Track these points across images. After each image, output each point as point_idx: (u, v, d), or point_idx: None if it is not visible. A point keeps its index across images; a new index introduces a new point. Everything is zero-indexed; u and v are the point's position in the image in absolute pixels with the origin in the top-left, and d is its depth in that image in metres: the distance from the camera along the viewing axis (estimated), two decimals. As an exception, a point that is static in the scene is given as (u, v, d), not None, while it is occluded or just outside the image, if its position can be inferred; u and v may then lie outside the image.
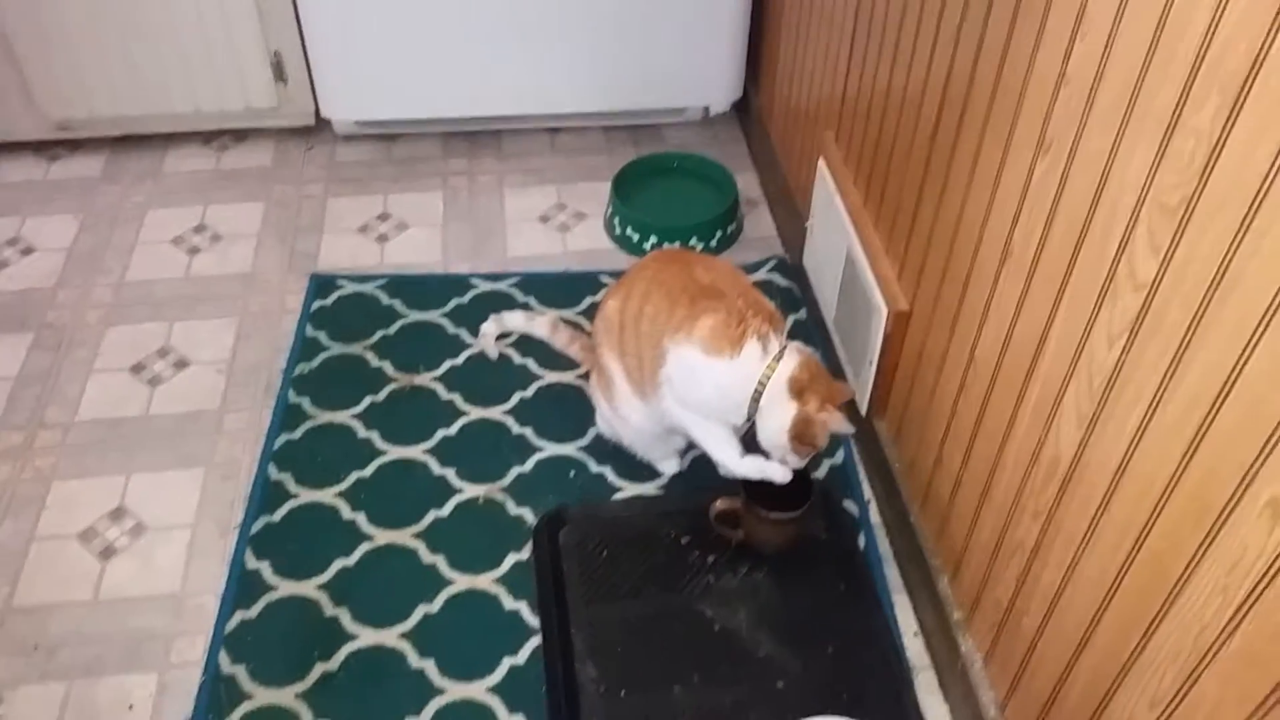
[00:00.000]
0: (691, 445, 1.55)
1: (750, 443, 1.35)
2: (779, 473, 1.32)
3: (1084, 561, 0.97)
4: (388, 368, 1.71)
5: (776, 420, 1.28)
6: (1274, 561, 0.72)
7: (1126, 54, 0.84)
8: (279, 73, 2.09)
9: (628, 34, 2.04)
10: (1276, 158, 0.68)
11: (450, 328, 1.79)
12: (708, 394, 1.31)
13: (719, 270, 1.37)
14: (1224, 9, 0.73)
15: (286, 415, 1.62)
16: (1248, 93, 0.71)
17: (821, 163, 1.66)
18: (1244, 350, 0.73)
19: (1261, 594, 0.74)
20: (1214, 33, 0.74)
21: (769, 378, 1.27)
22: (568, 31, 2.02)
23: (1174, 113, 0.79)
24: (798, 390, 1.26)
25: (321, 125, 2.21)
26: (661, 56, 2.08)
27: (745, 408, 1.30)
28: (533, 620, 1.36)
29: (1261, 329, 0.71)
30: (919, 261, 1.32)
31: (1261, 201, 0.70)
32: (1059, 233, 0.97)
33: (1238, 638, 0.77)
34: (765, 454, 1.34)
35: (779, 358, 1.28)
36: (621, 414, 1.45)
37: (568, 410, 1.63)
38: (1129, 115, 0.84)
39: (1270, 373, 0.71)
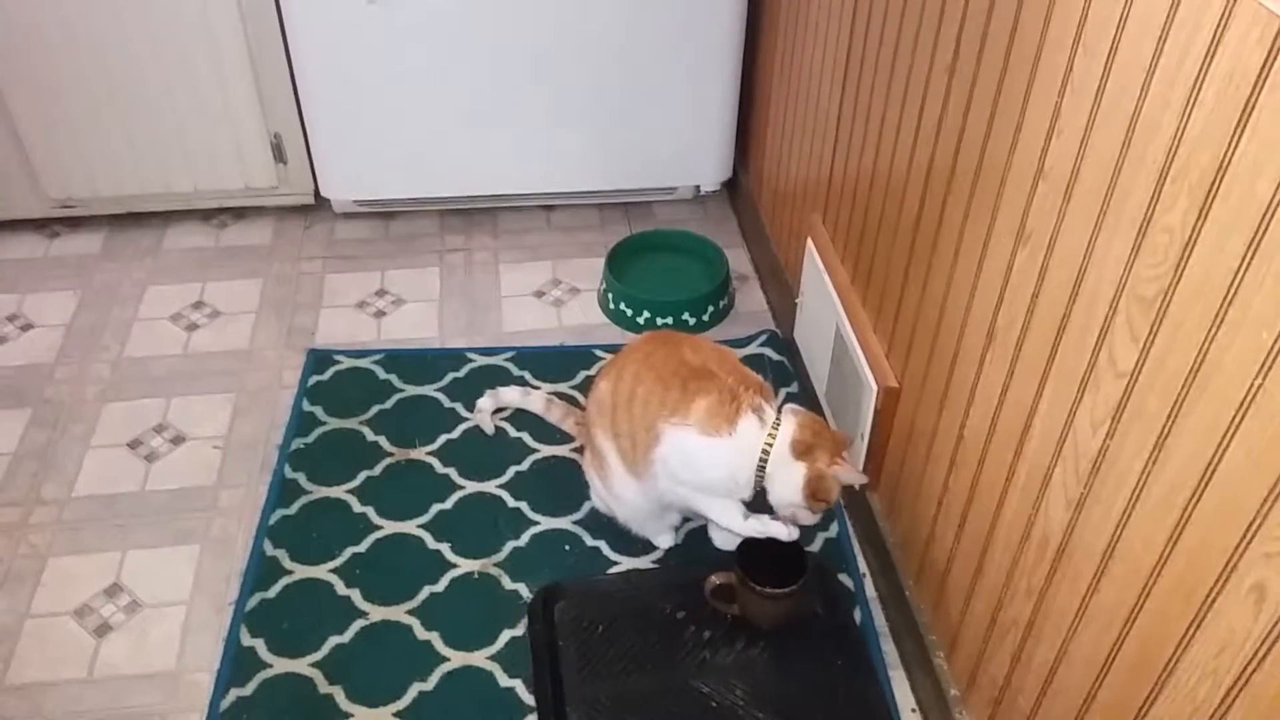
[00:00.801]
0: (687, 519, 1.56)
1: (751, 505, 1.37)
2: (783, 531, 1.35)
3: (1076, 641, 0.98)
4: (384, 442, 1.73)
5: (789, 484, 1.30)
6: (1261, 645, 0.74)
7: (1101, 153, 0.89)
8: (279, 154, 2.14)
9: (621, 116, 2.10)
10: (1245, 256, 0.72)
11: (446, 402, 1.81)
12: (709, 474, 1.33)
13: (707, 350, 1.40)
14: (1189, 117, 0.77)
15: (283, 491, 1.63)
16: (1215, 194, 0.75)
17: (809, 242, 1.70)
18: (1223, 438, 0.76)
19: (1250, 677, 0.75)
20: (1180, 139, 0.78)
21: (771, 446, 1.30)
22: (562, 113, 2.08)
23: (1147, 211, 0.83)
24: (803, 451, 1.29)
25: (320, 203, 2.25)
26: (654, 138, 2.14)
27: (751, 481, 1.32)
28: (528, 698, 1.36)
29: (1239, 418, 0.74)
30: (906, 340, 1.36)
31: (1234, 296, 0.74)
32: (1041, 320, 1.00)
33: None
34: (769, 513, 1.36)
35: (777, 425, 1.31)
36: (615, 492, 1.47)
37: (563, 484, 1.64)
38: (1105, 210, 0.88)
39: (1249, 460, 0.74)
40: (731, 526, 1.38)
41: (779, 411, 1.33)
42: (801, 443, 1.29)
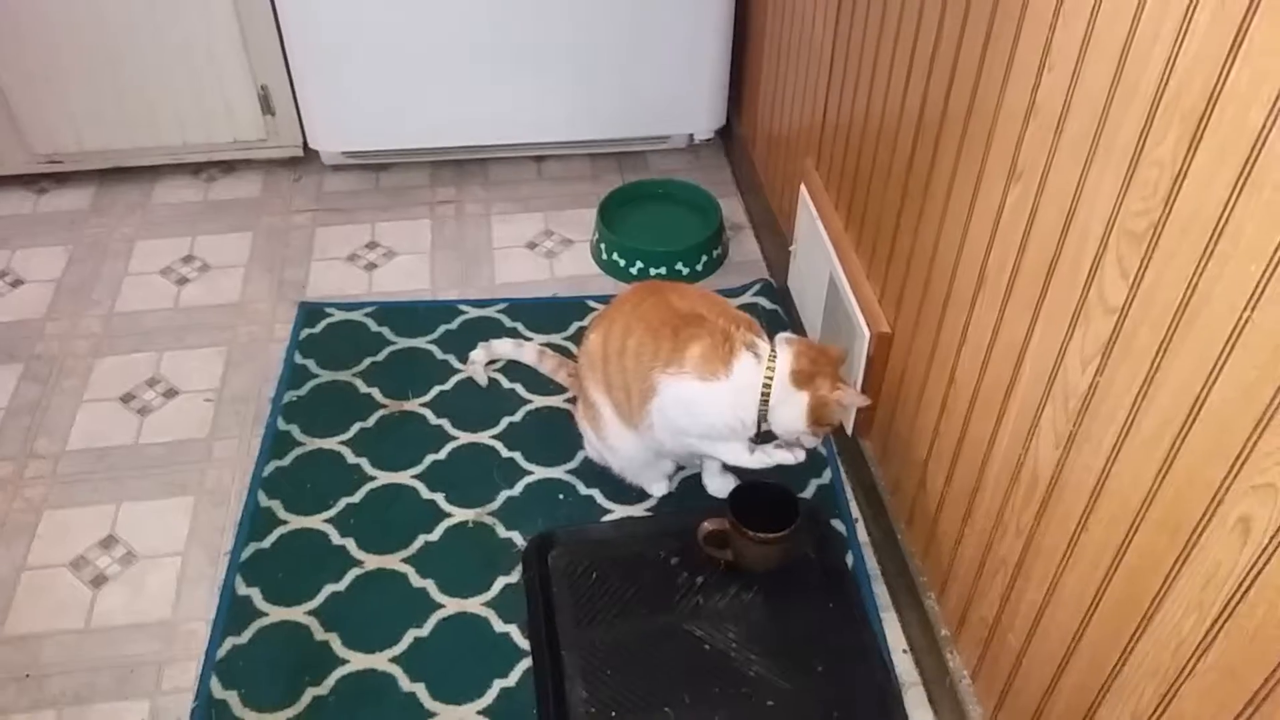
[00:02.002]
0: (680, 467, 1.57)
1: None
2: (789, 457, 1.37)
3: (1065, 579, 0.99)
4: (377, 394, 1.72)
5: (793, 414, 1.31)
6: (1245, 577, 0.74)
7: (1092, 86, 0.87)
8: (266, 105, 2.11)
9: (613, 63, 2.07)
10: (1235, 187, 0.71)
11: (439, 354, 1.80)
12: (712, 420, 1.33)
13: (693, 296, 1.39)
14: (1181, 45, 0.76)
15: (276, 442, 1.63)
16: (1205, 125, 0.74)
17: (803, 189, 1.69)
18: (1211, 371, 0.75)
19: (1235, 609, 0.76)
20: (1172, 67, 0.77)
21: (771, 380, 1.30)
22: (553, 61, 2.05)
23: (1138, 144, 0.81)
24: (803, 380, 1.30)
25: (309, 156, 2.23)
26: (646, 85, 2.12)
27: (755, 418, 1.32)
28: (523, 643, 1.37)
29: (1227, 351, 0.74)
30: (899, 285, 1.35)
31: (1223, 228, 0.73)
32: (1031, 258, 0.99)
33: (1213, 652, 0.79)
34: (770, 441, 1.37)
35: (773, 358, 1.31)
36: (610, 443, 1.47)
37: (556, 434, 1.64)
38: (1096, 145, 0.87)
39: (1237, 393, 0.73)
40: (740, 463, 1.39)
41: (772, 343, 1.33)
42: (800, 372, 1.29)
